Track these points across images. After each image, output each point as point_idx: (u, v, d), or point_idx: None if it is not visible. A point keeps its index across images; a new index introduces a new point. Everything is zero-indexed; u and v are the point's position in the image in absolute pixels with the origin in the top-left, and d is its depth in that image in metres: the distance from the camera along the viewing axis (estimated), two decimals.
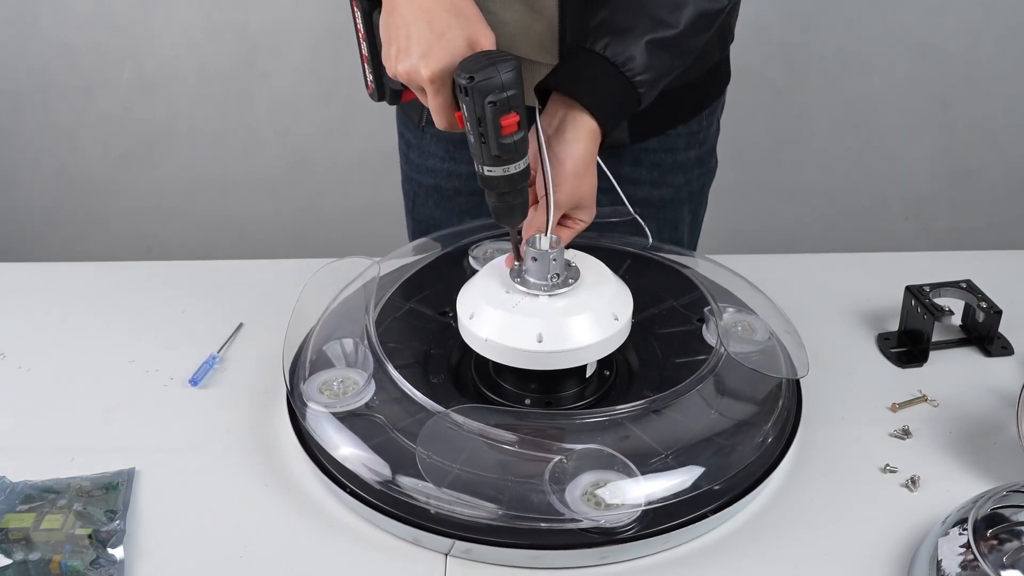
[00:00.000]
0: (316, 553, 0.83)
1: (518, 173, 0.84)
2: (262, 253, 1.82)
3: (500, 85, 0.78)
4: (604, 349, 0.90)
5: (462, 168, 1.23)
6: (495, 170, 0.83)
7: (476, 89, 0.79)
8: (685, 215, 1.26)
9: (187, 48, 2.19)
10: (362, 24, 0.92)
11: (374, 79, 0.94)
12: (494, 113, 0.79)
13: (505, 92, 0.79)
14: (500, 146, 0.81)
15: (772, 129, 2.30)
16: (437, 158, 1.24)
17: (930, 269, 1.12)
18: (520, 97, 0.80)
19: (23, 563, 0.80)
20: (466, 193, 1.25)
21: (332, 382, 0.93)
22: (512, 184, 0.85)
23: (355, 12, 0.92)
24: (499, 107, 0.79)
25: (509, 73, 0.79)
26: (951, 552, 0.76)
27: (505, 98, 0.79)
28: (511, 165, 0.83)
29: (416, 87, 0.84)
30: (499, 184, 0.84)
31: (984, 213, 2.43)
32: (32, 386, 1.03)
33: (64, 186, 2.36)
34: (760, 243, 2.38)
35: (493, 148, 0.82)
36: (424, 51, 0.81)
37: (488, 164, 0.83)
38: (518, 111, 0.80)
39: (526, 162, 0.84)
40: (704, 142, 1.24)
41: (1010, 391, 1.01)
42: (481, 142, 0.82)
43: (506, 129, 0.80)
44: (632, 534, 0.81)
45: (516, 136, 0.81)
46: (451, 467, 0.83)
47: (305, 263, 1.14)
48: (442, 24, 0.82)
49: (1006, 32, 2.21)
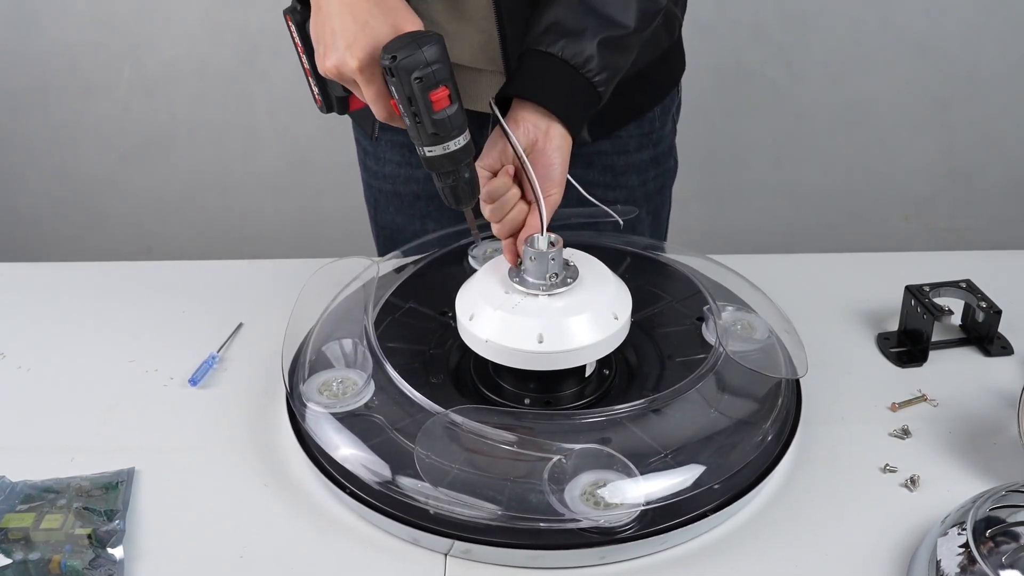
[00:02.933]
0: (316, 553, 0.83)
1: (459, 149, 0.83)
2: (262, 253, 1.82)
3: (424, 61, 0.78)
4: (604, 348, 0.90)
5: (418, 172, 1.23)
6: (435, 149, 0.83)
7: (400, 68, 0.78)
8: (644, 215, 1.26)
9: (187, 48, 2.19)
10: (298, 36, 0.92)
11: (319, 91, 0.94)
12: (422, 89, 0.79)
13: (430, 67, 0.78)
14: (434, 122, 0.81)
15: (772, 129, 2.30)
16: (393, 164, 1.24)
17: (930, 269, 1.12)
18: (446, 71, 0.80)
19: (23, 563, 0.80)
20: (425, 197, 1.25)
21: (331, 382, 0.93)
22: (455, 161, 0.84)
23: (290, 26, 0.91)
24: (425, 82, 0.79)
25: (432, 47, 0.79)
26: (950, 552, 0.76)
27: (431, 72, 0.78)
28: (450, 142, 0.83)
29: (348, 81, 0.84)
30: (442, 163, 0.84)
31: (984, 213, 2.43)
32: (32, 386, 1.03)
33: (64, 186, 2.36)
34: (760, 243, 2.38)
35: (428, 126, 0.81)
36: (349, 42, 0.81)
37: (427, 144, 0.83)
38: (446, 85, 0.80)
39: (466, 138, 0.84)
40: (658, 142, 1.23)
41: (1010, 391, 1.01)
42: (416, 122, 0.81)
43: (437, 104, 0.80)
44: (631, 534, 0.81)
45: (449, 111, 0.80)
46: (450, 467, 0.83)
47: (305, 263, 1.14)
48: (364, 13, 0.81)
49: (1006, 32, 2.21)
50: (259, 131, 2.29)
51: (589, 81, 0.92)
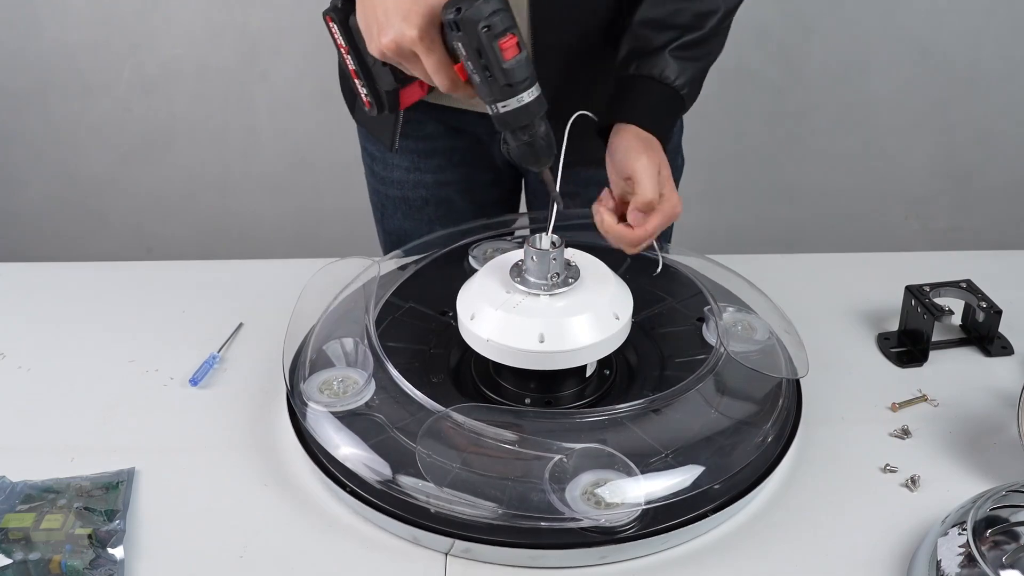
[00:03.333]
0: (316, 553, 0.83)
1: (534, 101, 0.81)
2: (262, 253, 1.82)
3: (490, 9, 0.77)
4: (605, 348, 0.90)
5: (427, 178, 1.24)
6: (510, 103, 0.81)
7: (466, 20, 0.77)
8: None
9: (187, 48, 2.19)
10: (342, 36, 0.90)
11: (368, 90, 0.92)
12: (490, 38, 0.77)
13: (496, 15, 0.77)
14: (505, 72, 0.79)
15: (772, 129, 2.30)
16: (402, 169, 1.24)
17: (930, 269, 1.12)
18: (510, 18, 0.78)
19: (23, 563, 0.80)
20: (433, 202, 1.26)
21: (332, 381, 0.93)
22: (531, 114, 0.82)
23: (332, 28, 0.90)
24: (493, 30, 0.77)
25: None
26: (950, 552, 0.76)
27: (498, 20, 0.77)
28: (524, 93, 0.81)
29: (407, 54, 0.82)
30: (518, 117, 0.82)
31: (984, 213, 2.43)
32: (32, 386, 1.03)
33: (64, 186, 2.36)
34: (760, 243, 2.38)
35: (500, 78, 0.79)
36: (404, 13, 0.80)
37: (500, 99, 0.81)
38: (513, 32, 0.78)
39: (538, 89, 0.82)
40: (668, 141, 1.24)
41: (1010, 391, 1.01)
42: (487, 76, 0.79)
43: (507, 52, 0.78)
44: (632, 533, 0.81)
45: (520, 58, 0.79)
46: (451, 466, 0.83)
47: (305, 263, 1.14)
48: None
49: (1006, 33, 2.21)
50: (259, 131, 2.29)
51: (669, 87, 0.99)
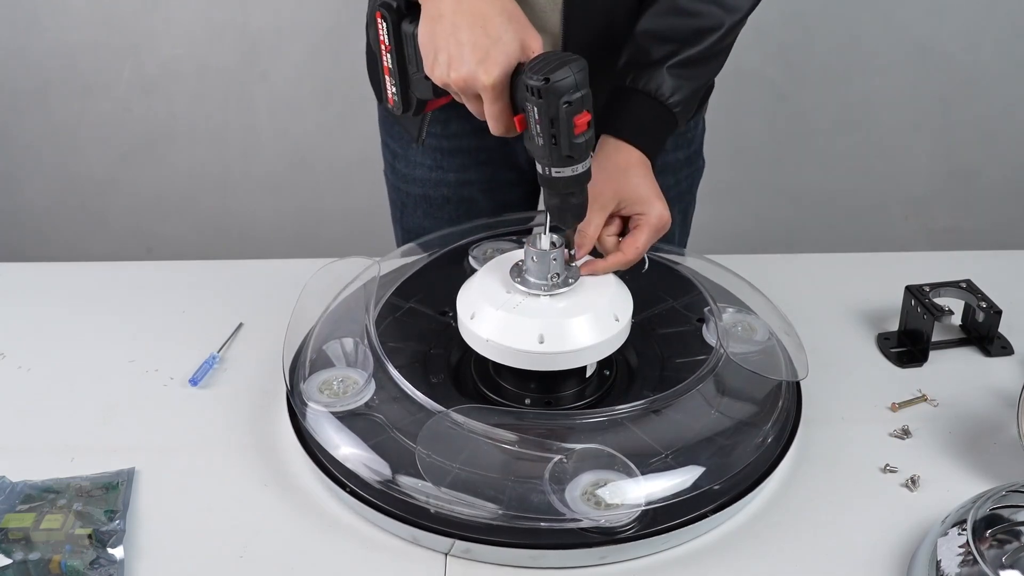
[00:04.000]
0: (316, 553, 0.83)
1: (584, 172, 0.83)
2: (262, 253, 1.82)
3: (575, 85, 0.78)
4: (605, 349, 0.90)
5: (450, 176, 1.23)
6: (564, 171, 0.82)
7: (551, 90, 0.78)
8: (675, 215, 1.26)
9: (187, 48, 2.19)
10: (388, 36, 0.89)
11: (399, 91, 0.91)
12: (569, 113, 0.78)
13: (579, 91, 0.78)
14: (572, 146, 0.80)
15: (772, 129, 2.30)
16: (425, 167, 1.24)
17: (930, 269, 1.12)
18: (591, 96, 0.79)
19: (23, 563, 0.80)
20: (455, 201, 1.25)
21: (332, 381, 0.93)
22: (579, 184, 0.84)
23: (380, 24, 0.89)
24: (574, 106, 0.78)
25: (581, 73, 0.78)
26: (950, 552, 0.76)
27: (579, 98, 0.78)
28: (579, 164, 0.82)
29: (471, 94, 0.83)
30: (567, 185, 0.84)
31: (984, 213, 2.43)
32: (32, 386, 1.03)
33: (64, 186, 2.36)
34: (760, 243, 2.38)
35: (565, 149, 0.81)
36: (482, 57, 0.80)
37: (557, 165, 0.82)
38: (590, 110, 0.79)
39: (590, 161, 0.84)
40: (692, 142, 1.25)
41: (1010, 391, 1.01)
42: (552, 144, 0.80)
43: (579, 128, 0.79)
44: (632, 534, 0.81)
45: (588, 134, 0.80)
46: (451, 467, 0.83)
47: (305, 263, 1.14)
48: (498, 29, 0.80)
49: (1006, 32, 2.21)
50: (259, 131, 2.29)
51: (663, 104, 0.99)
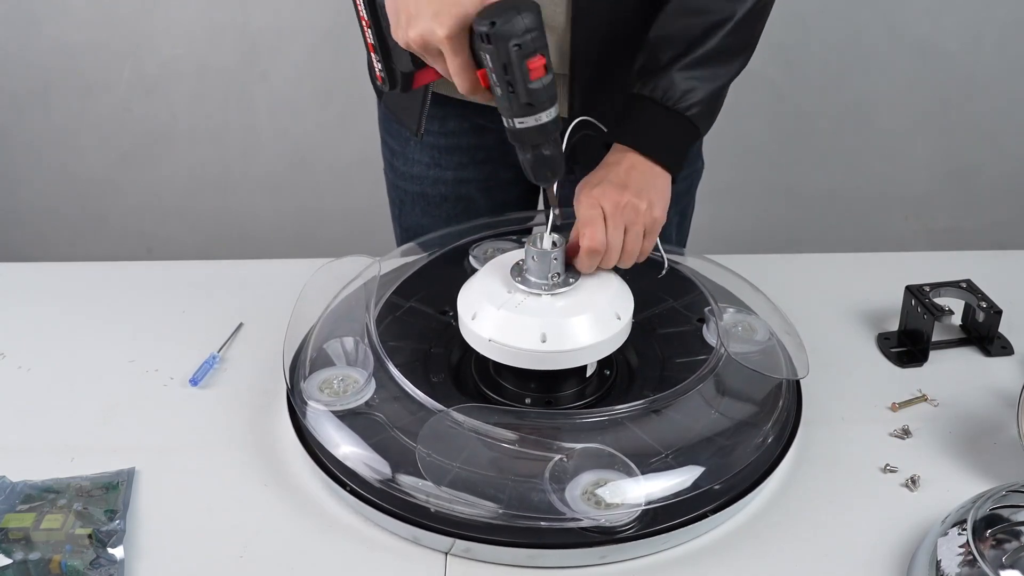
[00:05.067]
0: (316, 553, 0.83)
1: (551, 121, 0.81)
2: (262, 253, 1.82)
3: (523, 27, 0.76)
4: (607, 348, 0.90)
5: (448, 174, 1.23)
6: (527, 120, 0.81)
7: (498, 34, 0.76)
8: (672, 216, 1.26)
9: (187, 48, 2.19)
10: (365, 10, 0.88)
11: (383, 66, 0.90)
12: (520, 56, 0.77)
13: (528, 34, 0.76)
14: (529, 92, 0.79)
15: (772, 129, 2.30)
16: (423, 165, 1.24)
17: (930, 269, 1.12)
18: (543, 39, 0.78)
19: (23, 563, 0.80)
20: (452, 199, 1.25)
21: (332, 380, 0.93)
22: (546, 134, 0.82)
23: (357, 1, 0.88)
24: (524, 49, 0.77)
25: (530, 15, 0.77)
26: (950, 552, 0.76)
27: (529, 40, 0.77)
28: (542, 113, 0.80)
29: (432, 51, 0.81)
30: (532, 136, 0.82)
31: (984, 213, 2.43)
32: (32, 386, 1.03)
33: (64, 186, 2.36)
34: (760, 243, 2.37)
35: (522, 96, 0.79)
36: (436, 10, 0.79)
37: (518, 115, 0.80)
38: (543, 53, 0.78)
39: (557, 110, 0.82)
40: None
41: (1010, 391, 1.01)
42: (509, 92, 0.79)
43: (534, 73, 0.78)
44: (632, 533, 0.81)
45: (544, 80, 0.79)
46: (451, 466, 0.83)
47: (305, 263, 1.14)
48: None
49: (1006, 32, 2.21)
50: (259, 131, 2.29)
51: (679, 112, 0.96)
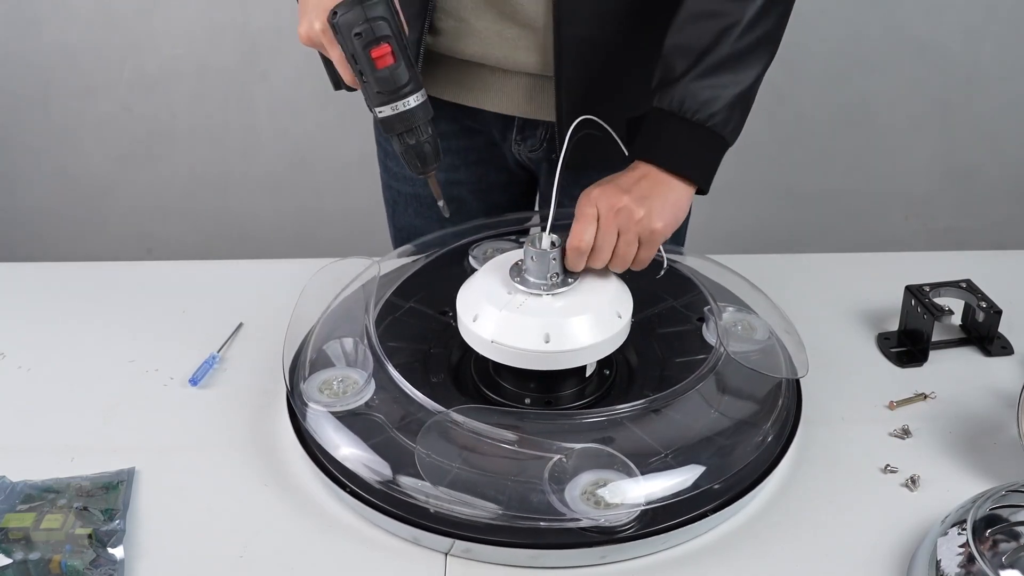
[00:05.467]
0: (316, 553, 0.83)
1: (409, 111, 0.83)
2: (262, 253, 1.82)
3: (364, 17, 0.78)
4: (609, 347, 0.90)
5: (439, 176, 1.23)
6: (384, 109, 0.83)
7: (341, 24, 0.79)
8: None
9: (187, 48, 2.19)
10: None
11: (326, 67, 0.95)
12: (363, 45, 0.79)
13: (369, 23, 0.79)
14: (377, 80, 0.80)
15: (772, 129, 2.30)
16: None
17: (930, 269, 1.12)
18: (388, 28, 0.79)
19: (23, 563, 0.80)
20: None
21: (332, 381, 0.93)
22: (408, 122, 0.83)
23: None
24: (365, 38, 0.79)
25: (374, 5, 0.79)
26: (950, 552, 0.76)
27: (370, 28, 0.79)
28: (399, 102, 0.82)
29: (318, 44, 0.84)
30: (394, 124, 0.84)
31: (984, 213, 2.42)
32: (32, 386, 1.03)
33: (64, 186, 2.36)
34: (760, 243, 2.37)
35: (372, 84, 0.81)
36: (316, 3, 0.82)
37: (376, 104, 0.82)
38: (388, 42, 0.79)
39: (419, 99, 0.83)
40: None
41: (1010, 391, 1.01)
42: (363, 81, 0.81)
43: (379, 61, 0.80)
44: (632, 533, 0.81)
45: (393, 68, 0.80)
46: (451, 466, 0.83)
47: (305, 263, 1.14)
48: None
49: (1006, 32, 2.21)
50: (259, 131, 2.29)
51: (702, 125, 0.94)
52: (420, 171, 0.88)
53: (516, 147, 1.17)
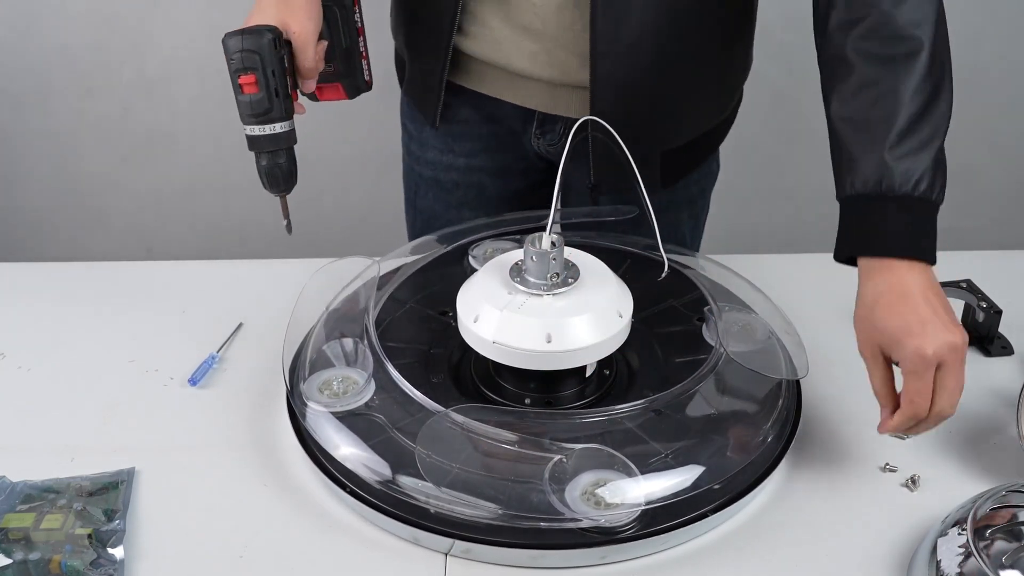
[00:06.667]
0: (316, 553, 0.83)
1: (274, 135, 0.93)
2: (262, 253, 1.82)
3: (239, 48, 0.90)
4: (610, 347, 0.90)
5: (460, 161, 1.24)
6: (253, 128, 0.92)
7: (224, 46, 0.90)
8: (685, 219, 1.27)
9: (187, 48, 2.19)
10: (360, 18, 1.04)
11: None
12: (233, 71, 0.91)
13: (240, 53, 0.90)
14: (240, 103, 0.90)
15: (772, 129, 2.30)
16: (436, 150, 1.25)
17: None
18: (258, 61, 0.89)
19: (23, 563, 0.80)
20: (464, 186, 1.26)
21: (332, 381, 0.93)
22: (271, 144, 0.93)
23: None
24: (234, 64, 0.90)
25: (250, 38, 0.90)
26: (950, 552, 0.76)
27: (240, 57, 0.90)
28: (266, 125, 0.91)
29: None
30: (258, 143, 0.93)
31: (984, 213, 2.42)
32: (32, 386, 1.03)
33: (64, 186, 2.35)
34: (760, 243, 2.37)
35: (238, 105, 0.90)
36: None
37: (245, 122, 0.91)
38: (255, 73, 0.88)
39: (287, 127, 0.93)
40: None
41: (1010, 391, 1.01)
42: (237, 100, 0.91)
43: (244, 88, 0.90)
44: (632, 534, 0.81)
45: (256, 96, 0.89)
46: (451, 467, 0.83)
47: (305, 263, 1.14)
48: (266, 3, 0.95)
49: (1006, 32, 2.21)
50: None
51: (898, 196, 0.93)
52: (273, 190, 0.98)
53: (536, 140, 1.18)
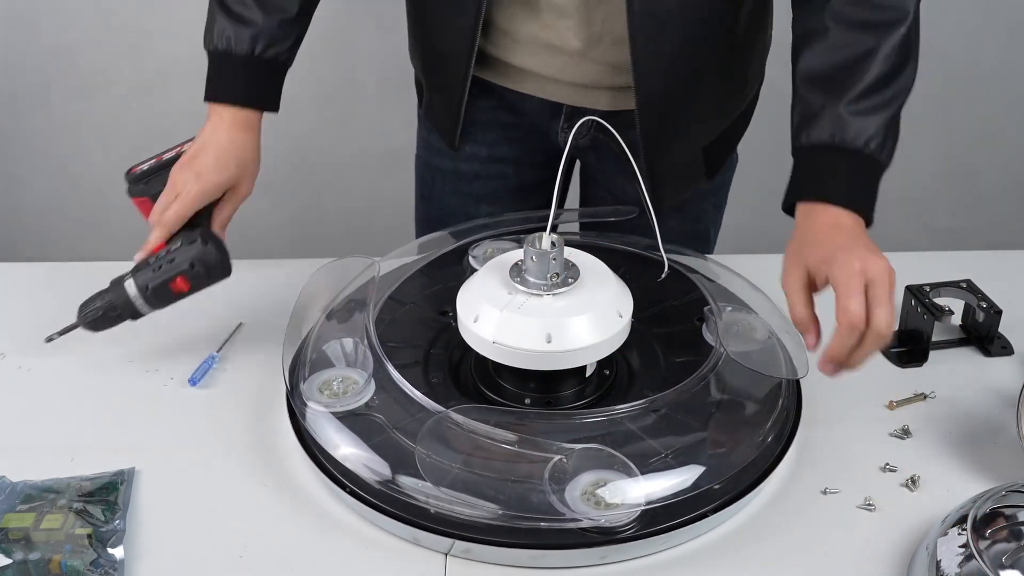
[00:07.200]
0: (316, 553, 0.83)
1: (133, 305, 1.03)
2: (262, 253, 1.82)
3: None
4: (610, 347, 0.90)
5: (482, 150, 1.24)
6: (146, 309, 1.03)
7: None
8: (710, 209, 1.28)
9: (187, 48, 2.18)
10: None
11: None
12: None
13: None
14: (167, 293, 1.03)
15: (772, 129, 2.29)
16: None
17: (930, 269, 1.12)
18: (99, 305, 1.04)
19: (23, 563, 0.80)
20: (484, 177, 1.25)
21: (332, 382, 0.93)
22: (128, 308, 1.03)
23: None
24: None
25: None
26: (950, 552, 0.76)
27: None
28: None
29: None
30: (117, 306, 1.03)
31: (984, 213, 2.42)
32: (32, 386, 1.03)
33: (64, 186, 2.35)
34: (760, 243, 2.37)
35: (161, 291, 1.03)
36: None
37: (154, 307, 1.03)
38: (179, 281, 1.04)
39: (132, 319, 1.03)
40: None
41: (1010, 391, 1.01)
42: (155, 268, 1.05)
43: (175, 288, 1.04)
44: (632, 534, 0.81)
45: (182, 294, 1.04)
46: (451, 467, 0.83)
47: (305, 263, 1.14)
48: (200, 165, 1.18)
49: (1006, 32, 2.21)
50: None
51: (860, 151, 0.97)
52: (89, 328, 1.03)
53: (563, 135, 1.17)
